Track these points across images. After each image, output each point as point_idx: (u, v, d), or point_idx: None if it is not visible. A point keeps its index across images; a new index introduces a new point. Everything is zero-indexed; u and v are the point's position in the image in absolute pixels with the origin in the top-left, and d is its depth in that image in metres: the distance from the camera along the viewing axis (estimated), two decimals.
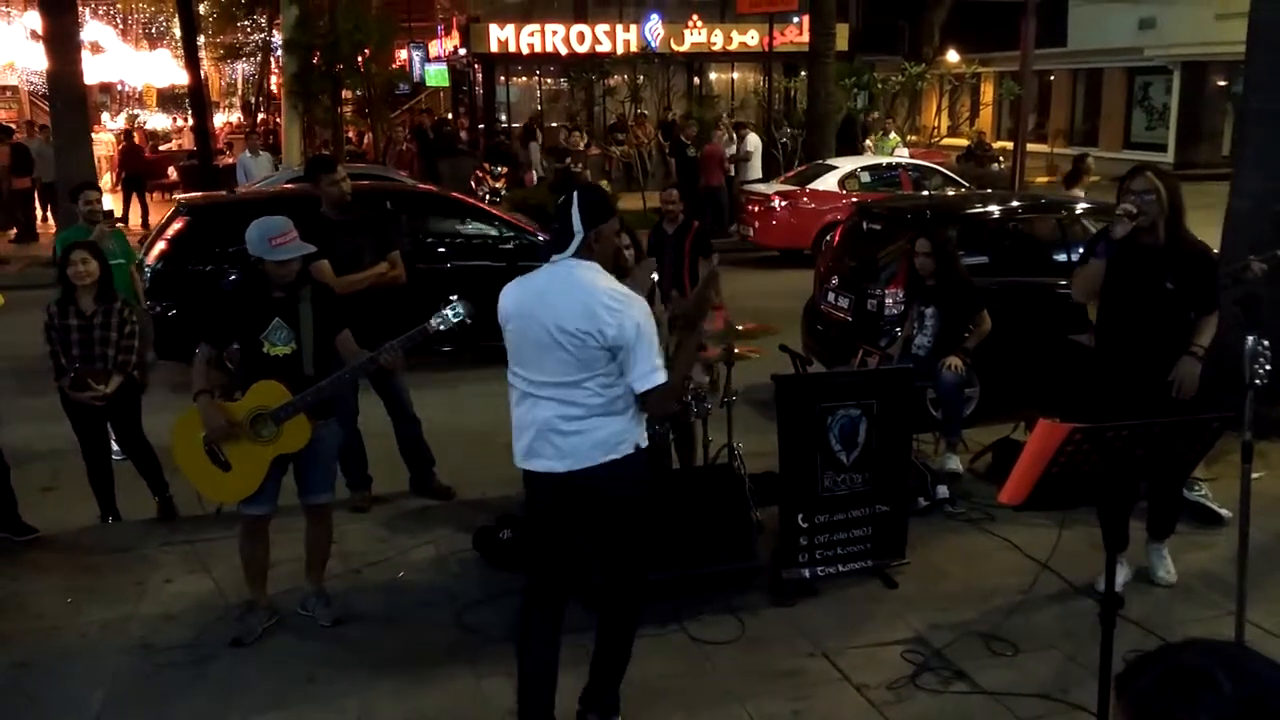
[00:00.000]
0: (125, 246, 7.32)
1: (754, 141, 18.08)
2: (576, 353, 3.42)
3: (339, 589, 4.95)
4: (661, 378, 3.42)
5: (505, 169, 18.80)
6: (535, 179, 20.09)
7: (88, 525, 5.92)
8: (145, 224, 19.10)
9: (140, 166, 20.69)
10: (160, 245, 9.16)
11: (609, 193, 17.84)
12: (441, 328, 4.45)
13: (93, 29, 30.90)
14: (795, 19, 22.78)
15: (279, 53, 22.79)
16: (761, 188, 16.09)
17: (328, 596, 4.79)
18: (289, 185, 12.07)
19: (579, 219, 3.48)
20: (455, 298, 4.48)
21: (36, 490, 6.22)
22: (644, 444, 3.59)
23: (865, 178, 15.39)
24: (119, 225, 7.33)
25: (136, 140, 22.60)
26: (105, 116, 35.97)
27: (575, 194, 3.56)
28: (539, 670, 3.69)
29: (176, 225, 9.24)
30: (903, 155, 18.03)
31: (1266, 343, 3.67)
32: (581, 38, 25.99)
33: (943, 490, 5.85)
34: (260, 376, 4.40)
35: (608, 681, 3.82)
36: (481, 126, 27.86)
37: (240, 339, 4.48)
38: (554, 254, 3.55)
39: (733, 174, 17.47)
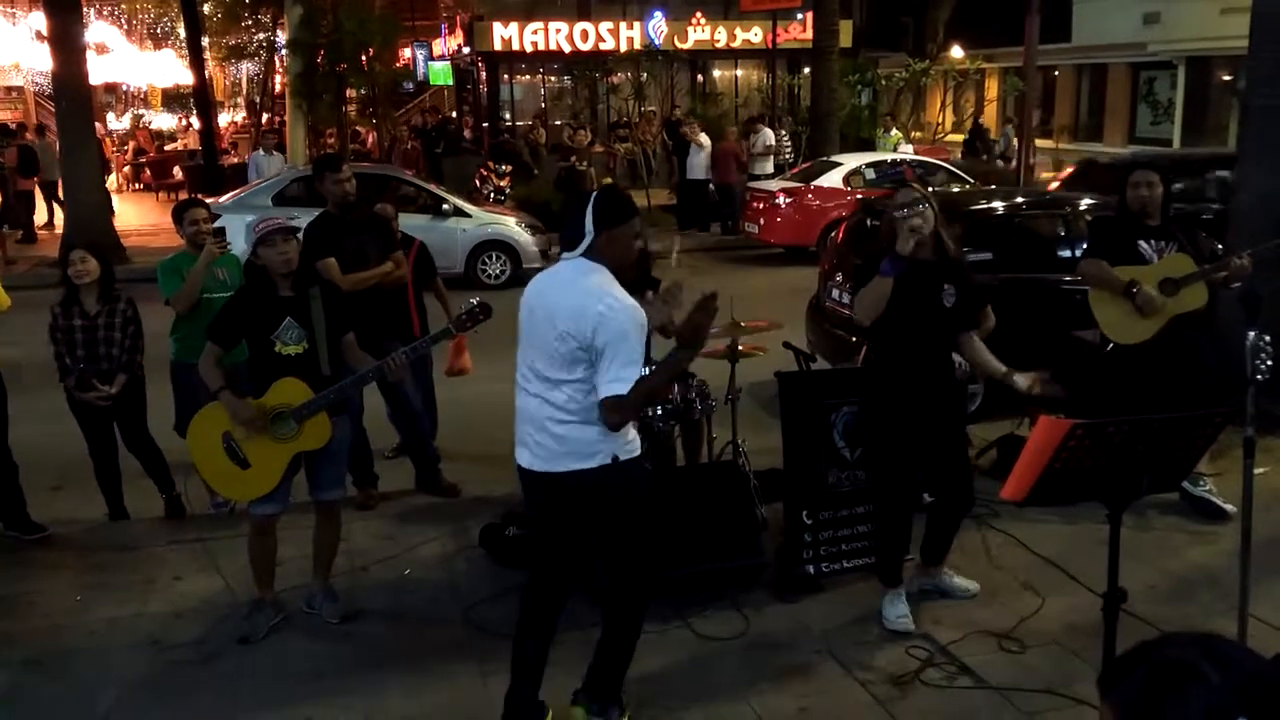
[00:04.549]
0: (240, 276, 5.90)
1: (770, 136, 18.14)
2: (561, 352, 3.43)
3: (345, 586, 4.98)
4: (622, 389, 3.34)
5: (509, 167, 18.77)
6: None
7: (96, 524, 5.96)
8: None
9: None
10: None
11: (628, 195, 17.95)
12: (467, 324, 4.55)
13: (97, 30, 30.93)
14: (799, 16, 22.77)
15: (283, 52, 22.82)
16: (766, 184, 16.10)
17: (334, 594, 4.82)
18: None
19: (591, 220, 3.48)
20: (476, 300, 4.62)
21: (45, 489, 6.26)
22: (624, 455, 3.55)
23: (870, 174, 15.38)
24: (228, 246, 5.91)
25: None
26: (110, 116, 36.04)
27: (593, 195, 3.57)
28: (529, 658, 3.76)
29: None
30: (907, 151, 18.03)
31: (1268, 338, 3.68)
32: (585, 35, 25.97)
33: None
34: (272, 375, 4.43)
35: (605, 676, 3.84)
36: (486, 125, 27.86)
37: (250, 339, 4.50)
38: (565, 252, 3.57)
39: (753, 170, 17.54)
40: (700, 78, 28.57)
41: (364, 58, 19.47)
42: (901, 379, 4.45)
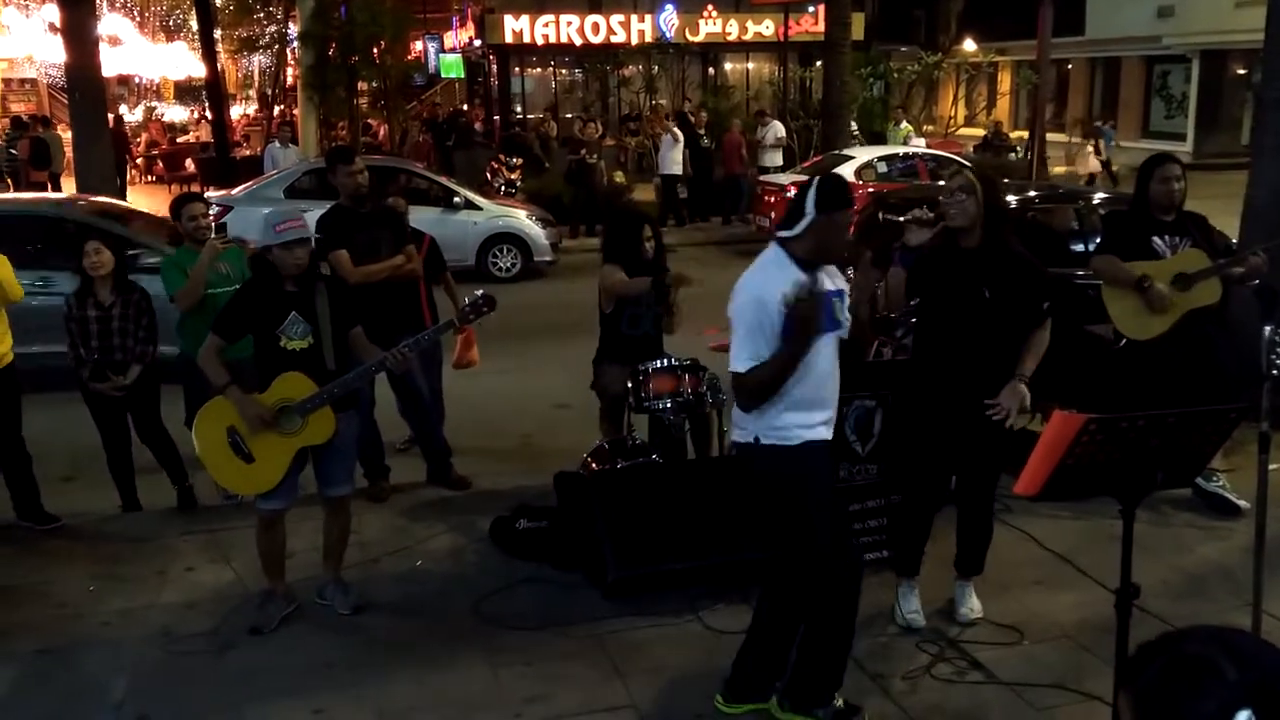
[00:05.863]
0: (244, 269, 5.84)
1: (780, 128, 18.13)
2: None
3: (357, 578, 4.99)
4: (738, 367, 3.48)
5: (520, 160, 18.79)
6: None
7: (109, 514, 5.98)
8: None
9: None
10: None
11: (625, 185, 17.91)
12: (471, 316, 4.54)
13: (110, 22, 31.03)
14: (810, 8, 22.78)
15: (295, 45, 22.85)
16: (778, 178, 16.06)
17: (346, 585, 4.83)
18: None
19: (813, 201, 3.49)
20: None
21: (58, 480, 6.28)
22: (766, 439, 3.58)
23: (882, 168, 15.32)
24: (238, 242, 6.19)
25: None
26: (123, 108, 36.13)
27: (817, 179, 3.59)
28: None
29: None
30: (918, 145, 17.98)
31: None
32: (596, 28, 25.98)
33: None
34: (277, 370, 4.42)
35: (806, 678, 3.79)
36: (497, 118, 27.88)
37: (256, 333, 4.50)
38: (781, 230, 3.59)
39: (763, 162, 17.50)
40: (711, 71, 28.55)
41: (375, 50, 19.49)
42: (939, 369, 4.30)
